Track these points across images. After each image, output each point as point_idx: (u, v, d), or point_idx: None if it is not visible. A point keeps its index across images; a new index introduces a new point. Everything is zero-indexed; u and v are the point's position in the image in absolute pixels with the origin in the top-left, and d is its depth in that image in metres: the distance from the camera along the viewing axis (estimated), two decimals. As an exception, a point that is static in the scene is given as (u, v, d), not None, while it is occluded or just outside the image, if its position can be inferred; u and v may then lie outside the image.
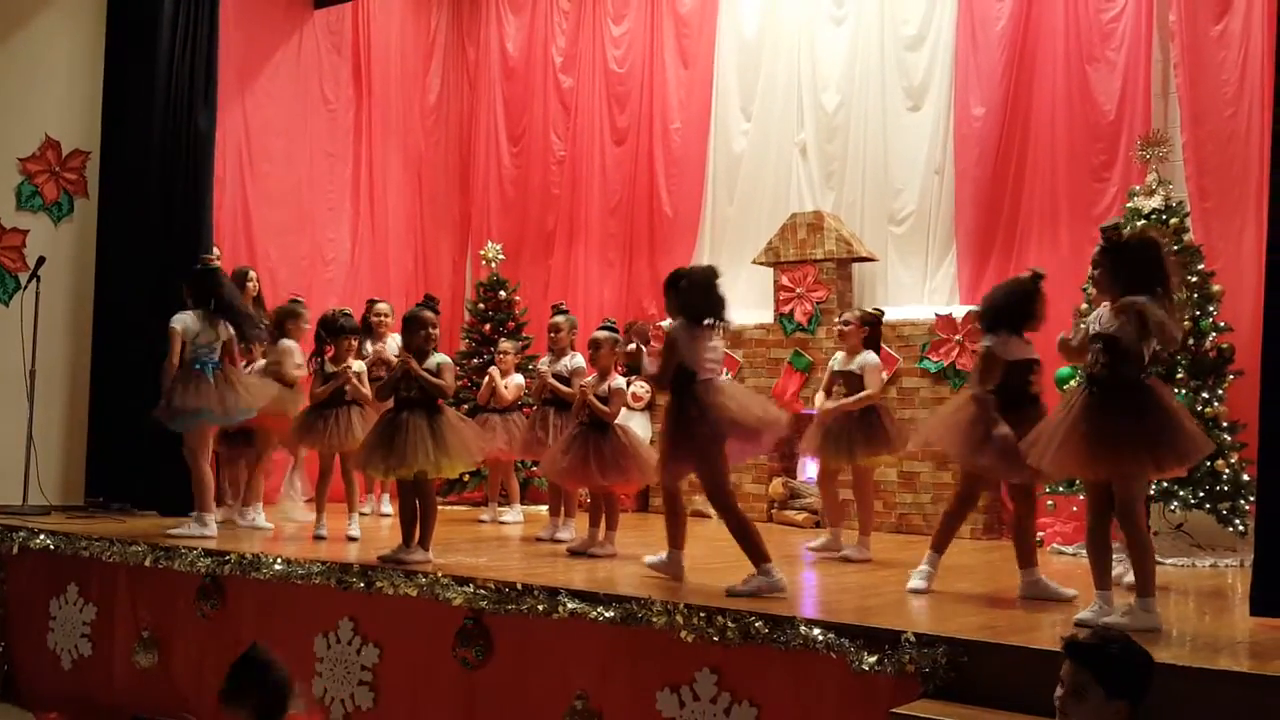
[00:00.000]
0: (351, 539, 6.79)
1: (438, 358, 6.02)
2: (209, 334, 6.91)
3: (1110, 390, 4.54)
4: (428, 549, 5.84)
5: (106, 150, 8.22)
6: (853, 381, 6.76)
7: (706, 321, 5.33)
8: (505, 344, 8.60)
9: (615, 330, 6.81)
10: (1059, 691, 3.40)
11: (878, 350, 6.97)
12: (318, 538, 6.77)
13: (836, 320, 7.52)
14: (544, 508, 8.62)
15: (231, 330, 7.02)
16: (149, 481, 7.80)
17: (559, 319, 7.47)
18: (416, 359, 5.92)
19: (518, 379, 8.22)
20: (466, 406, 8.41)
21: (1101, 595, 4.64)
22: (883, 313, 7.29)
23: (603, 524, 6.52)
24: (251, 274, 8.65)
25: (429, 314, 6.05)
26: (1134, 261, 4.61)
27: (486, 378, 8.24)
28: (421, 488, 5.94)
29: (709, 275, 5.46)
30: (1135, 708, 3.32)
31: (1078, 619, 4.52)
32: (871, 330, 6.98)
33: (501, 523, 8.17)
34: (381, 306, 8.46)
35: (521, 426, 7.80)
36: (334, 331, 7.07)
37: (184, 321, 6.87)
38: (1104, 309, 4.75)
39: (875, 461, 6.93)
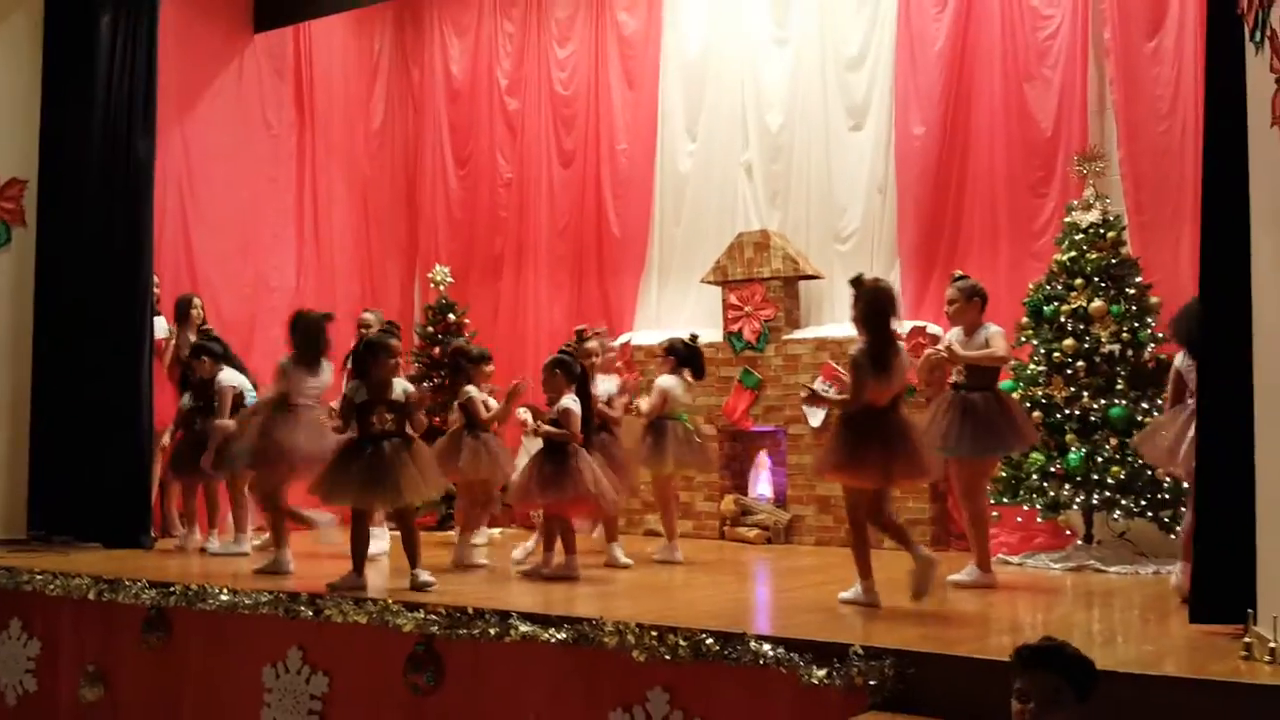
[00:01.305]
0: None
1: (403, 384, 6.05)
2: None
3: (848, 416, 5.44)
4: (417, 565, 5.84)
5: (44, 178, 8.11)
6: None
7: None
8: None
9: (573, 356, 6.71)
10: (1023, 705, 3.35)
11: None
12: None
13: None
14: (498, 531, 8.63)
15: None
16: (92, 513, 7.70)
17: (593, 344, 7.41)
18: (383, 388, 5.90)
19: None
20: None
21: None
22: (694, 338, 7.64)
23: (558, 546, 6.50)
24: (196, 301, 8.60)
25: (394, 341, 6.05)
26: (866, 307, 5.44)
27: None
28: (408, 518, 5.99)
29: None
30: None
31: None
32: (678, 360, 7.27)
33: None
34: (367, 317, 8.39)
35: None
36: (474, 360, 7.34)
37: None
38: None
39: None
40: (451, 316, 9.82)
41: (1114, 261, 7.30)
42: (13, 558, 6.89)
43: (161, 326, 8.42)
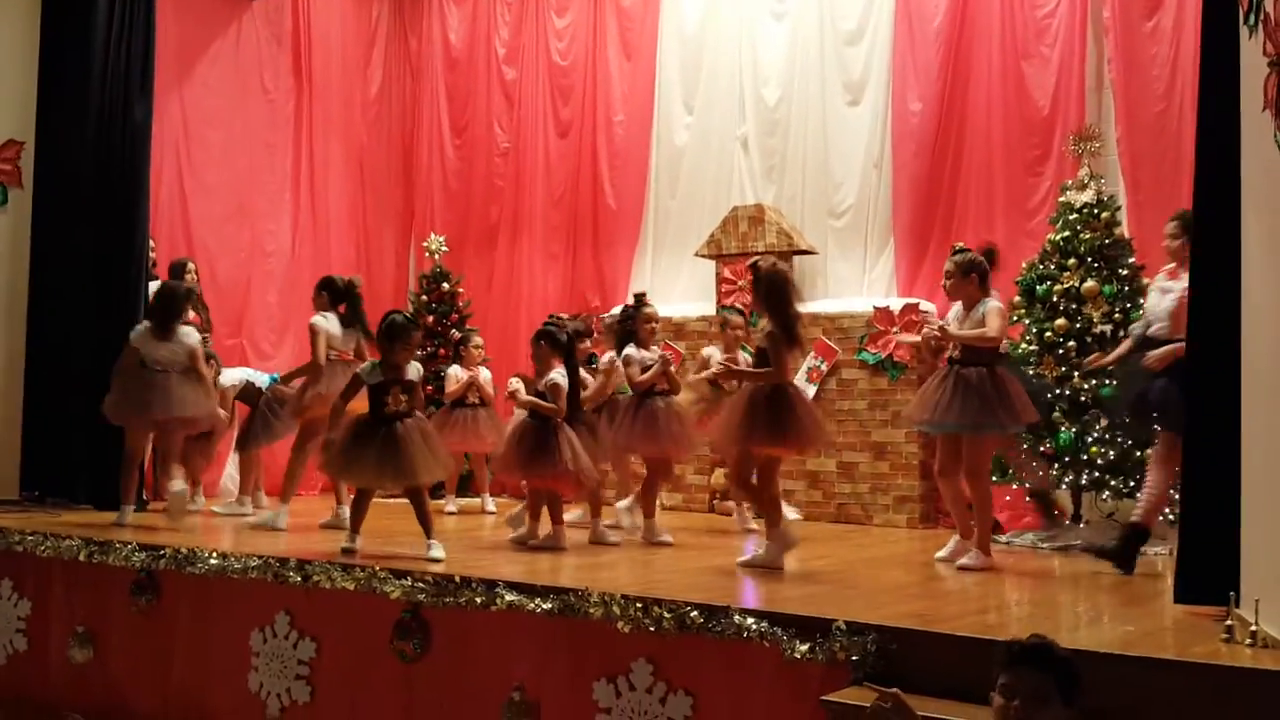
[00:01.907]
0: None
1: (415, 366, 6.18)
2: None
3: (764, 390, 5.81)
4: (431, 536, 5.89)
5: (41, 141, 8.10)
6: None
7: None
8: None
9: (559, 326, 6.73)
10: (1007, 702, 3.29)
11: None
12: None
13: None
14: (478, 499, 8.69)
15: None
16: (85, 475, 7.72)
17: (650, 309, 7.45)
18: (399, 370, 5.99)
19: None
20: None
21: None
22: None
23: (545, 517, 6.54)
24: (190, 265, 8.59)
25: (417, 330, 6.24)
26: (764, 290, 5.87)
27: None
28: (421, 491, 6.06)
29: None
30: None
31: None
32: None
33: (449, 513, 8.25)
34: None
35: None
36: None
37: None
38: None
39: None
40: (446, 286, 9.82)
41: (1107, 242, 7.30)
42: (4, 518, 6.90)
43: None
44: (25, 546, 6.39)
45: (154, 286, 8.31)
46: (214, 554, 5.78)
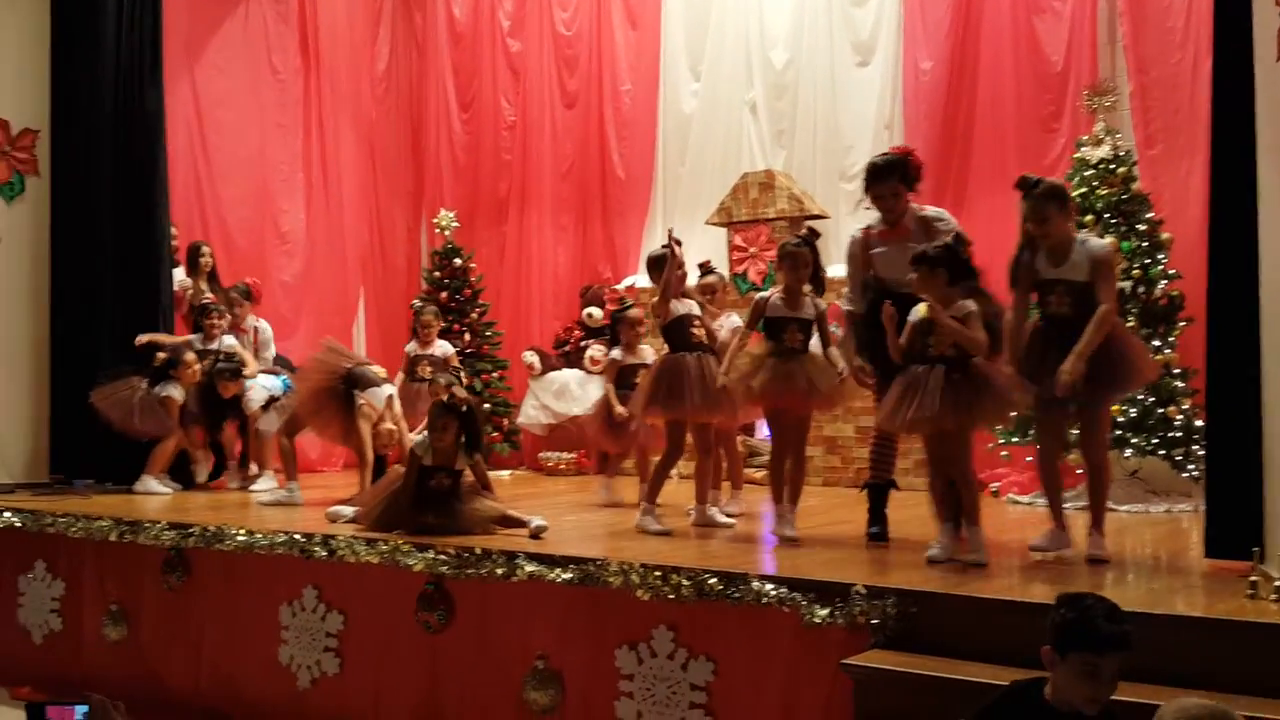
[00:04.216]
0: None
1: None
2: None
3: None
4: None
5: (56, 128, 8.12)
6: None
7: None
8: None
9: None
10: (1097, 689, 2.95)
11: None
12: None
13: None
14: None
15: None
16: (113, 456, 7.80)
17: (712, 278, 7.31)
18: (451, 457, 5.78)
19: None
20: None
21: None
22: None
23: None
24: (205, 249, 8.65)
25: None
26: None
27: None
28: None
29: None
30: None
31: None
32: None
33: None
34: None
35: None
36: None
37: None
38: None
39: None
40: (458, 261, 9.84)
41: (1124, 197, 7.27)
42: (36, 501, 6.99)
43: (180, 276, 8.51)
44: (57, 528, 6.47)
45: (178, 274, 8.42)
46: (241, 530, 5.84)
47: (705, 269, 7.36)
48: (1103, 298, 4.81)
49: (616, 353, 7.25)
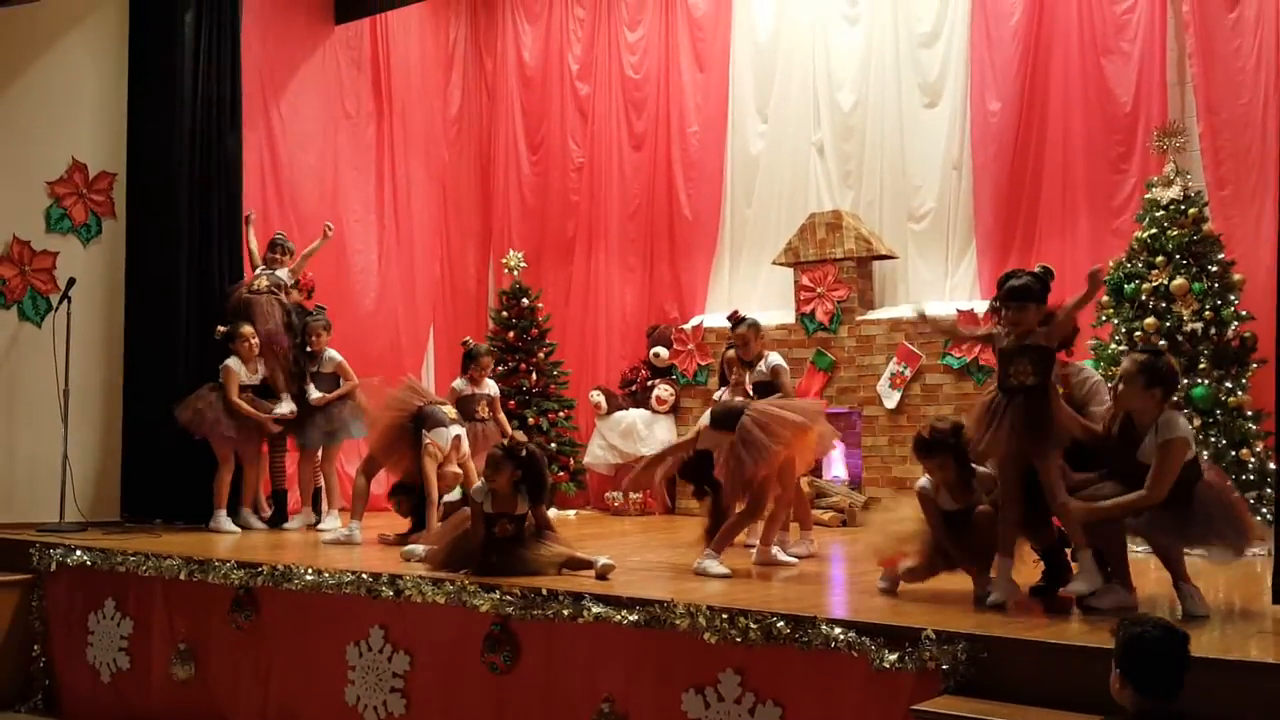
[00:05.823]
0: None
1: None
2: None
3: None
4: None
5: (133, 171, 8.34)
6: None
7: None
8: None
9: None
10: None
11: None
12: None
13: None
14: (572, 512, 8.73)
15: None
16: (182, 496, 7.92)
17: (743, 329, 6.88)
18: (511, 504, 5.76)
19: None
20: None
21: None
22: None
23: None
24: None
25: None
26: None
27: None
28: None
29: None
30: None
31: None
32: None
33: None
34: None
35: None
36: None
37: None
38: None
39: None
40: (525, 301, 9.93)
41: (1195, 238, 7.18)
42: (107, 540, 7.10)
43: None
44: (127, 566, 6.56)
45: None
46: (309, 570, 5.90)
47: (735, 319, 7.05)
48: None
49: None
